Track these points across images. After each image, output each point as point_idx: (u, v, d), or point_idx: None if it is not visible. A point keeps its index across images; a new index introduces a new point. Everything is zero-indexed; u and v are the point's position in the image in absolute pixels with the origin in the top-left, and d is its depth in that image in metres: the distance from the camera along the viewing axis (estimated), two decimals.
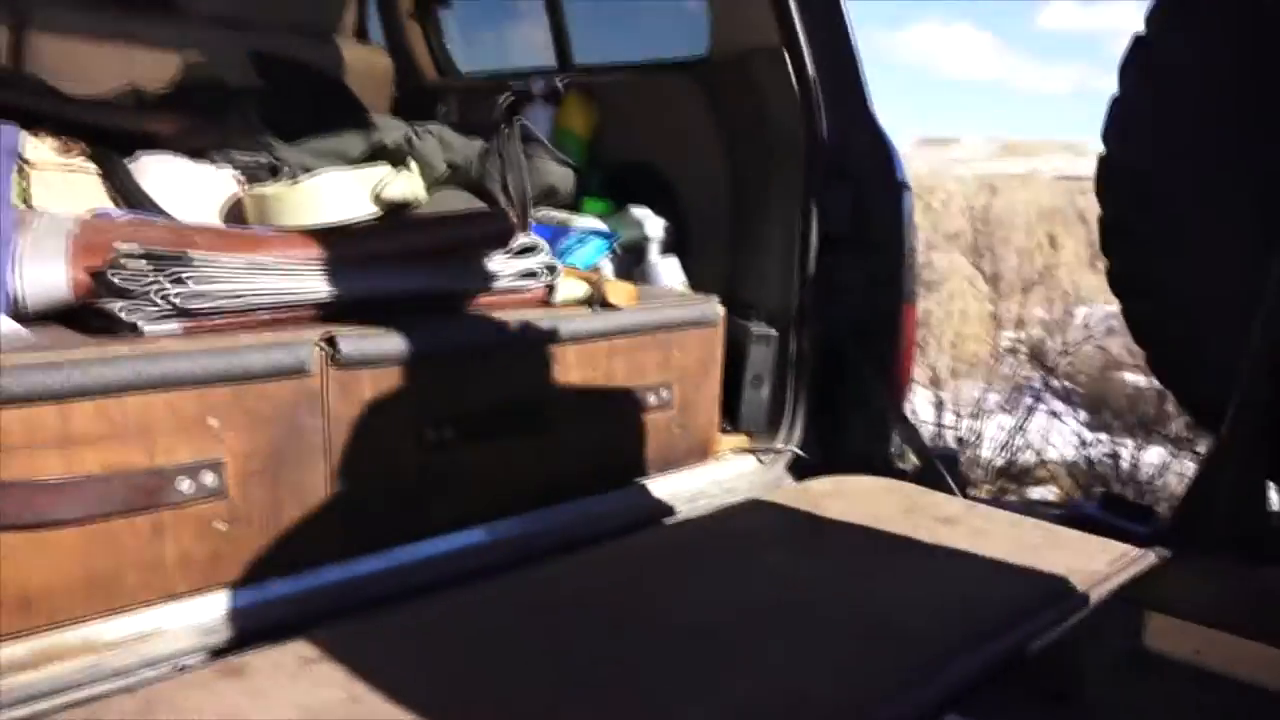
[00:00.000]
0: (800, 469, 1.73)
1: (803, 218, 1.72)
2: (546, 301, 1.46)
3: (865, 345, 1.74)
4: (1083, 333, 4.23)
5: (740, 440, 1.76)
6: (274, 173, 1.88)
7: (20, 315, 1.13)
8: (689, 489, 1.60)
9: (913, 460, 1.77)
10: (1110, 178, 1.69)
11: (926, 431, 3.80)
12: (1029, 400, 3.92)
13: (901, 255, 1.71)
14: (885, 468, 1.72)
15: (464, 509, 1.34)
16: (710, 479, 1.64)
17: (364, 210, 1.75)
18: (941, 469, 1.65)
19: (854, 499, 1.51)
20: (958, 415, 3.87)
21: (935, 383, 4.06)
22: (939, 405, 3.93)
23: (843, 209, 1.71)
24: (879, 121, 1.73)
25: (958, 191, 8.72)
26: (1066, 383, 4.15)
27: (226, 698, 0.93)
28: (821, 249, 1.72)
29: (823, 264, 1.73)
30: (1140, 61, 1.61)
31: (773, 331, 1.74)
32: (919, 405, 4.03)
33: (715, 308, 1.63)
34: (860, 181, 1.72)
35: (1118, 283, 1.71)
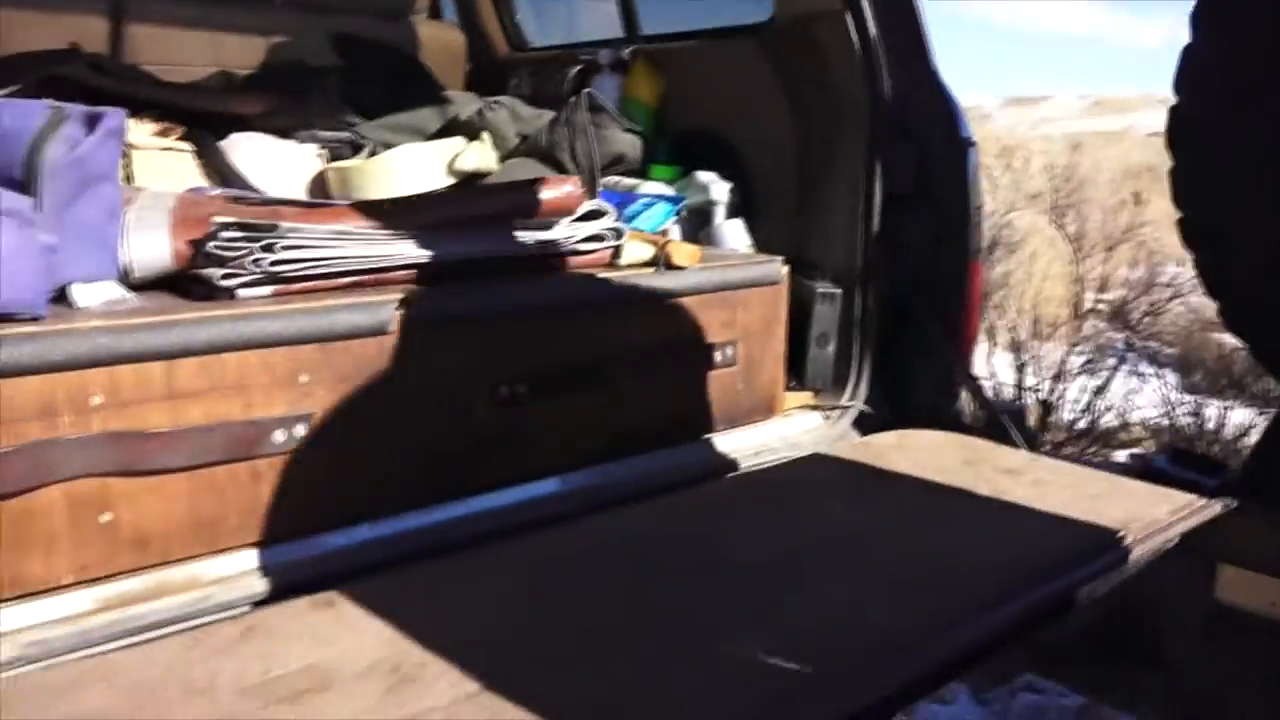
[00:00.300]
0: (866, 425, 1.76)
1: (866, 177, 1.74)
2: (613, 263, 1.52)
3: (930, 302, 1.76)
4: (1169, 292, 4.12)
5: (806, 397, 1.80)
6: (355, 149, 1.97)
7: (129, 283, 1.23)
8: (754, 444, 1.64)
9: (979, 415, 1.79)
10: (1181, 128, 1.66)
11: (1008, 394, 3.76)
12: (1113, 361, 3.84)
13: (966, 212, 1.72)
14: (951, 423, 1.74)
15: (536, 462, 1.41)
16: (775, 434, 1.69)
17: (439, 181, 1.83)
18: (1007, 422, 1.67)
19: (917, 452, 1.54)
20: (1039, 378, 3.81)
21: (1016, 345, 4.00)
22: (1020, 367, 3.88)
23: (906, 167, 1.73)
24: (942, 79, 1.73)
25: (1043, 151, 8.48)
26: (1153, 343, 4.05)
27: (318, 625, 1.02)
28: (885, 208, 1.74)
29: (887, 223, 1.75)
30: (1209, 9, 1.58)
31: (837, 290, 1.77)
32: (999, 368, 3.98)
33: (778, 267, 1.67)
34: (924, 140, 1.73)
35: (1189, 234, 1.69)
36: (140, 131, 1.75)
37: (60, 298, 1.15)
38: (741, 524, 1.27)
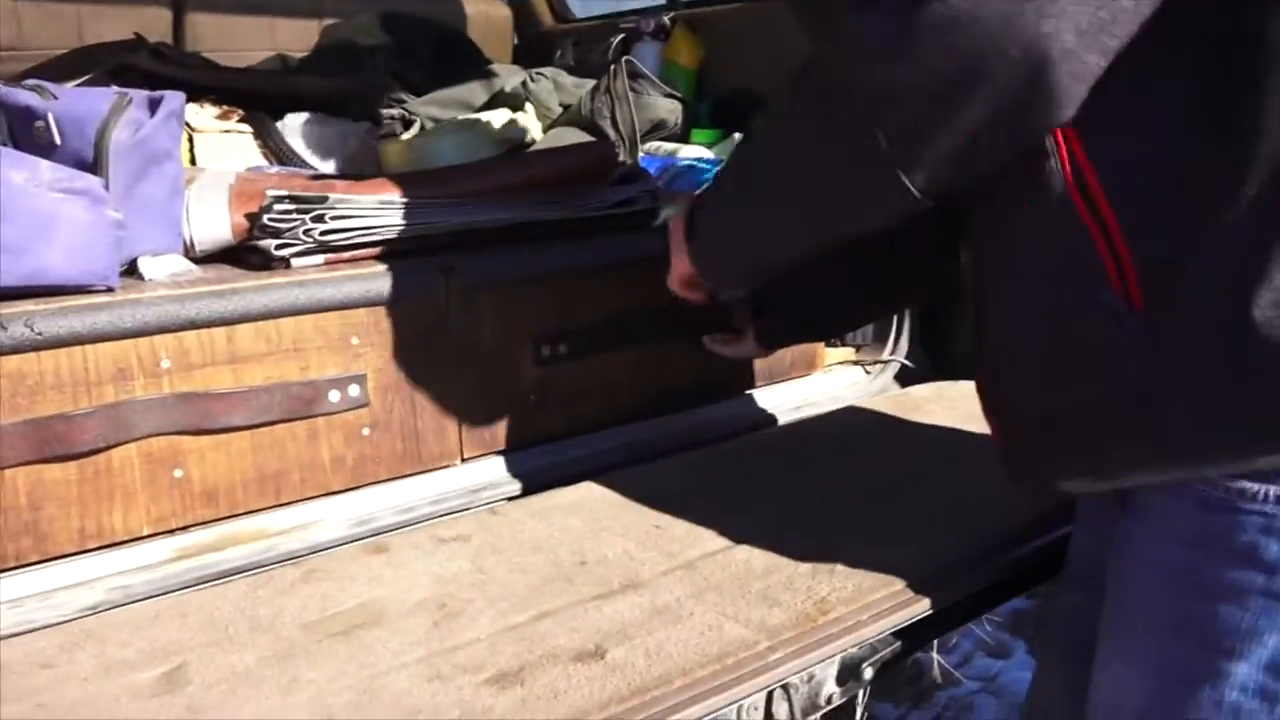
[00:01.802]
0: (907, 379, 1.78)
1: None
2: (649, 225, 1.56)
3: None
4: None
5: (848, 353, 1.82)
6: (405, 124, 2.04)
7: (192, 256, 1.32)
8: (794, 399, 1.68)
9: None
10: None
11: None
12: None
13: None
14: None
15: (578, 418, 1.46)
16: (816, 390, 1.72)
17: (485, 152, 1.88)
18: None
19: (954, 402, 1.56)
20: None
21: None
22: None
23: None
24: None
25: None
26: None
27: (371, 568, 1.09)
28: None
29: None
30: None
31: None
32: None
33: None
34: None
35: None
36: (202, 115, 1.83)
37: (130, 271, 1.24)
38: (768, 472, 1.31)
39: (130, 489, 1.15)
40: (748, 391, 1.66)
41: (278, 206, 1.29)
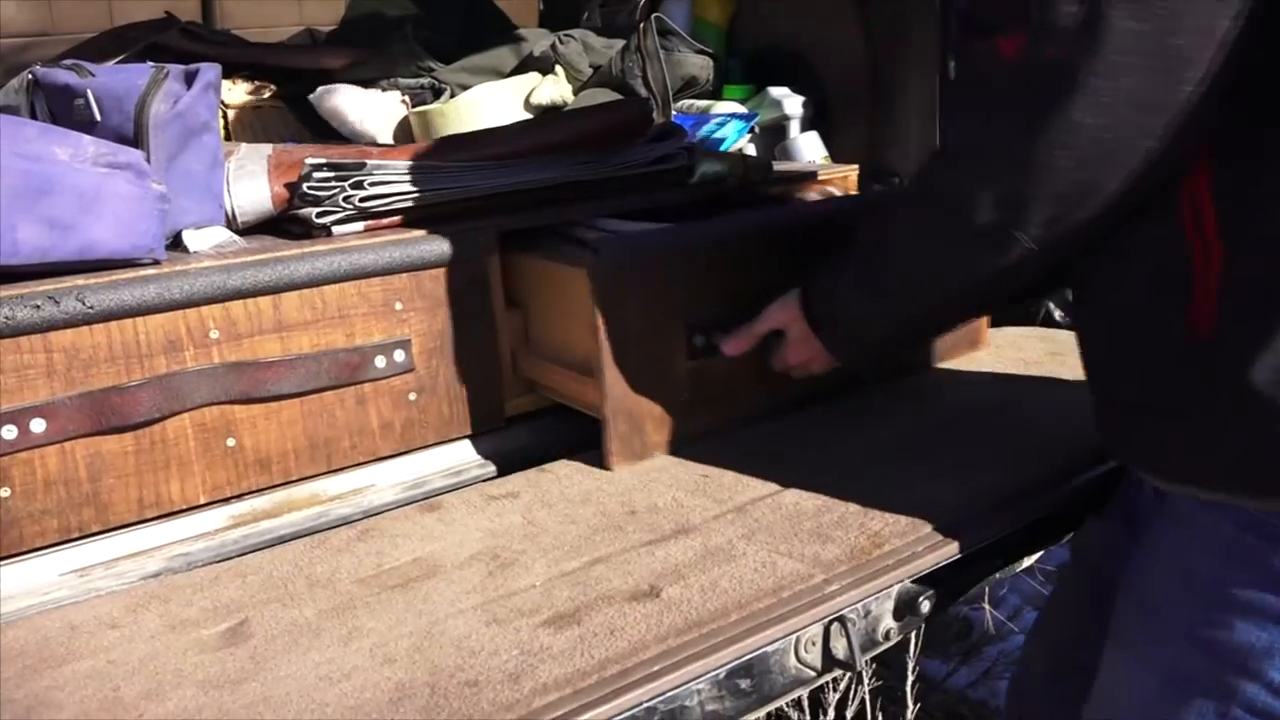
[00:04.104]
0: None
1: (940, 78, 1.72)
2: (686, 182, 1.55)
3: None
4: None
5: None
6: (436, 93, 2.04)
7: (234, 228, 1.33)
8: None
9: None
10: None
11: None
12: None
13: None
14: (1040, 323, 1.73)
15: None
16: None
17: (517, 116, 1.88)
18: None
19: (1000, 347, 1.54)
20: None
21: None
22: None
23: None
24: None
25: None
26: None
27: (424, 525, 1.11)
28: None
29: None
30: None
31: None
32: None
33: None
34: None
35: None
36: (234, 92, 1.85)
37: (174, 244, 1.25)
38: (813, 422, 1.30)
39: (185, 459, 1.17)
40: None
41: (316, 174, 1.30)
